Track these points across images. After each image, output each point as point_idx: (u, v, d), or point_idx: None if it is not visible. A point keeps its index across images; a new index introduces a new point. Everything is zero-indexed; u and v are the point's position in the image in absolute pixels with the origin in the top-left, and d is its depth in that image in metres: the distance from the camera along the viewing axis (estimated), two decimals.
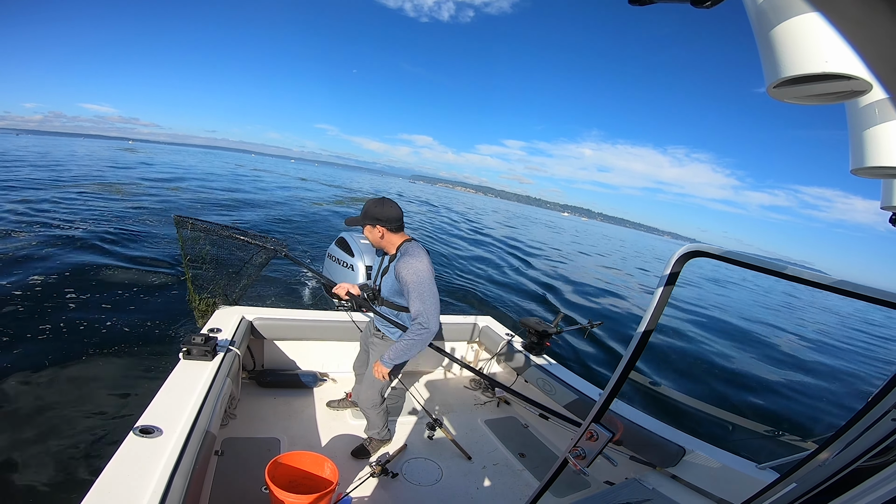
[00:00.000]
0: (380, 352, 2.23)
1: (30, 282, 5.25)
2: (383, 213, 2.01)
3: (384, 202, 2.06)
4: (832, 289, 0.88)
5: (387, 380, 2.23)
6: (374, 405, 2.33)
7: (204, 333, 2.25)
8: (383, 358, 2.09)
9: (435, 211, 30.51)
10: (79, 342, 4.01)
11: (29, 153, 26.99)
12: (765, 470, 1.99)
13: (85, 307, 4.77)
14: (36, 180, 14.27)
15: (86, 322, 4.43)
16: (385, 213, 2.01)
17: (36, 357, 3.67)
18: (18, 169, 17.44)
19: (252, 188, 23.59)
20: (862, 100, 0.60)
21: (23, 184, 13.09)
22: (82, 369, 3.59)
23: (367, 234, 2.10)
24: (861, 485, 0.72)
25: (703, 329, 9.34)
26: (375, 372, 2.14)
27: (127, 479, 1.34)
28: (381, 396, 2.34)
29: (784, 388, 6.57)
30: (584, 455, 1.26)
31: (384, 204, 2.04)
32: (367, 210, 2.03)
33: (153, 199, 13.82)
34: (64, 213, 9.65)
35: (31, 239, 7.14)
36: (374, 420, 2.41)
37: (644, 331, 1.14)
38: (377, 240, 2.08)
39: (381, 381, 2.22)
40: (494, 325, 3.70)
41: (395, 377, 2.32)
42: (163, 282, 6.02)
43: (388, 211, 2.02)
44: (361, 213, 2.07)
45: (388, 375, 2.17)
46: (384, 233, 2.04)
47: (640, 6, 0.56)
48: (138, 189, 16.00)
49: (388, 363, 2.08)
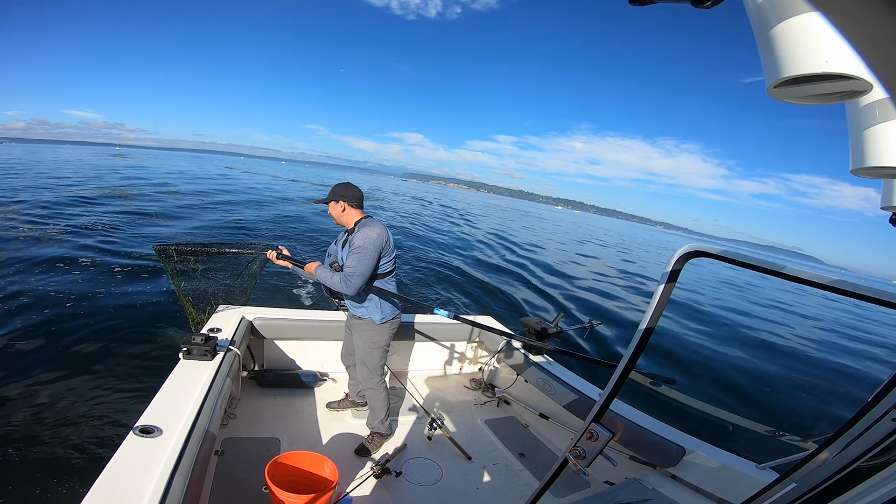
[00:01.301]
0: (361, 333, 2.40)
1: (29, 282, 5.26)
2: (346, 192, 2.30)
3: (347, 185, 2.35)
4: (832, 289, 0.88)
5: (379, 349, 2.42)
6: (374, 384, 2.45)
7: (204, 333, 2.25)
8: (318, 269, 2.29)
9: (428, 206, 30.70)
10: (78, 342, 4.02)
11: (18, 162, 26.60)
12: (765, 470, 1.99)
13: (85, 307, 4.77)
14: (29, 187, 14.23)
15: (85, 322, 4.43)
16: (347, 192, 2.30)
17: (35, 357, 3.68)
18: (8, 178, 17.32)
19: (244, 188, 23.69)
20: (862, 100, 0.60)
21: (7, 192, 13.02)
22: (82, 369, 3.58)
23: (331, 211, 2.34)
24: (861, 485, 0.72)
25: (702, 329, 9.34)
26: (308, 266, 2.34)
27: (127, 478, 1.34)
28: (380, 374, 2.47)
29: (784, 388, 6.56)
30: (584, 455, 1.26)
31: (347, 186, 2.34)
32: (333, 190, 2.33)
33: (153, 202, 13.83)
34: (59, 218, 9.66)
35: (31, 239, 7.14)
36: (376, 406, 2.49)
37: (644, 329, 1.14)
38: (339, 214, 2.32)
39: (373, 356, 2.41)
40: (494, 324, 3.70)
41: (386, 363, 2.50)
42: (163, 281, 6.02)
43: (350, 190, 2.32)
44: (329, 194, 2.34)
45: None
46: (345, 207, 2.30)
47: (640, 6, 0.56)
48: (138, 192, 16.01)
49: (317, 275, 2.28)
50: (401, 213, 23.49)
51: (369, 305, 2.37)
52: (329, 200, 2.32)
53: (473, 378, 3.60)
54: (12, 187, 13.68)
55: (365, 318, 2.39)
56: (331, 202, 2.31)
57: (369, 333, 2.38)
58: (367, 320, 2.38)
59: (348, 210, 2.30)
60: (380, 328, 2.38)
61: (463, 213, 29.94)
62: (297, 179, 46.01)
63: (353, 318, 2.48)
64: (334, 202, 2.30)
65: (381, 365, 2.46)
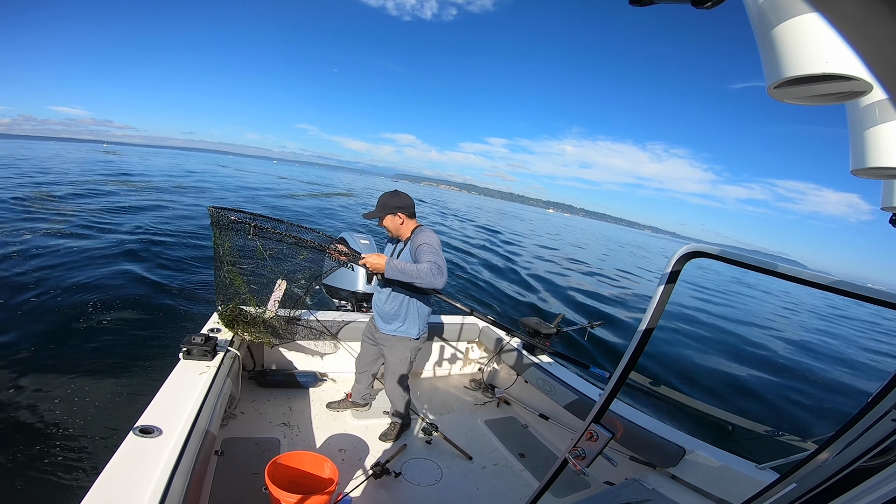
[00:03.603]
0: (394, 349, 2.38)
1: (29, 284, 5.25)
2: (401, 202, 2.25)
3: (398, 193, 2.28)
4: (831, 289, 0.88)
5: (397, 380, 2.42)
6: (402, 391, 2.50)
7: (204, 333, 2.25)
8: (390, 261, 2.02)
9: (425, 205, 30.75)
10: (78, 342, 4.01)
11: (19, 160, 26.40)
12: (765, 470, 1.99)
13: (84, 307, 4.77)
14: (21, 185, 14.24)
15: (85, 322, 4.43)
16: (403, 202, 2.25)
17: (35, 357, 3.67)
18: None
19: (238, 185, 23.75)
20: (862, 100, 0.60)
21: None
22: (81, 369, 3.58)
23: (387, 224, 2.28)
24: (861, 485, 0.72)
25: (702, 328, 9.34)
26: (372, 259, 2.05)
27: (127, 479, 1.34)
28: (407, 382, 2.53)
29: (784, 388, 6.56)
30: (584, 455, 1.26)
31: (398, 195, 2.27)
32: (386, 202, 2.25)
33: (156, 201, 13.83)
34: (55, 216, 9.65)
35: (31, 243, 7.13)
36: (401, 409, 2.58)
37: (644, 330, 1.14)
38: (397, 227, 2.28)
39: (405, 368, 2.42)
40: (494, 325, 3.70)
41: (402, 378, 2.48)
42: (163, 281, 6.02)
43: (405, 199, 2.27)
44: (379, 206, 2.27)
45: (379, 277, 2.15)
46: (404, 219, 2.27)
47: (640, 6, 0.56)
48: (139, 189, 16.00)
49: (391, 269, 2.00)
50: None
51: (407, 320, 2.33)
52: (387, 214, 2.24)
53: (473, 378, 3.60)
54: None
55: (400, 335, 2.35)
56: (388, 215, 2.24)
57: (402, 349, 2.40)
58: (400, 337, 2.36)
59: (406, 221, 2.27)
60: (415, 343, 2.40)
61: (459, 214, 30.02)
62: (312, 182, 45.92)
63: (381, 333, 2.42)
64: (391, 215, 2.24)
65: (409, 373, 2.52)
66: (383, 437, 2.60)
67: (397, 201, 2.24)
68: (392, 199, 2.25)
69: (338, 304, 4.06)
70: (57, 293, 5.04)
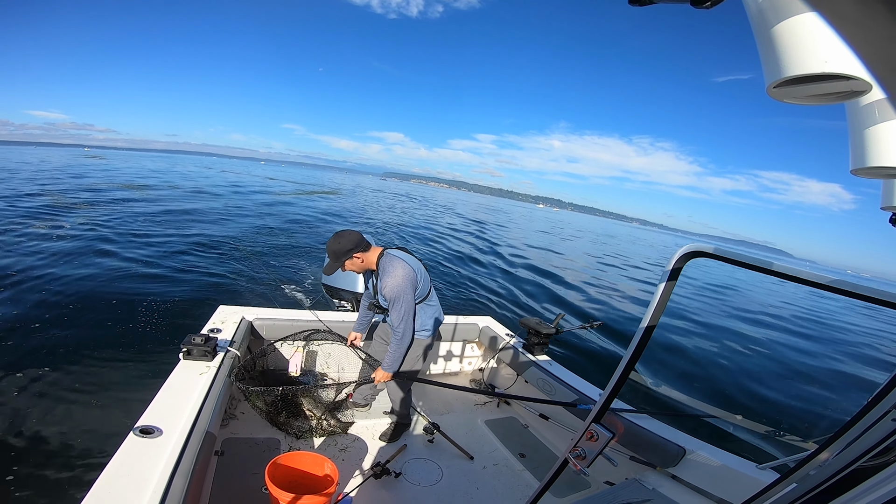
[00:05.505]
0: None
1: (28, 284, 5.26)
2: (350, 242, 2.15)
3: (341, 234, 2.19)
4: (831, 288, 0.88)
5: (397, 380, 2.46)
6: (401, 396, 2.56)
7: (204, 333, 2.25)
8: (383, 365, 2.33)
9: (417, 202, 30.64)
10: (78, 342, 4.01)
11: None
12: (765, 470, 1.99)
13: (84, 307, 4.77)
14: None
15: (85, 322, 4.43)
16: (351, 241, 2.16)
17: (35, 358, 3.67)
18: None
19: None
20: (862, 100, 0.60)
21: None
22: (81, 369, 3.58)
23: (350, 269, 2.25)
24: (861, 485, 0.72)
25: (702, 328, 9.33)
26: (379, 375, 2.36)
27: (127, 479, 1.34)
28: (406, 391, 2.58)
29: (784, 389, 6.56)
30: (585, 455, 1.26)
31: (342, 236, 2.17)
32: (337, 251, 2.16)
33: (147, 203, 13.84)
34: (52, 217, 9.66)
35: (31, 242, 7.14)
36: (402, 410, 2.61)
37: (645, 328, 1.14)
38: (360, 266, 2.24)
39: (416, 366, 2.49)
40: (494, 325, 3.70)
41: (410, 377, 2.53)
42: (162, 281, 6.03)
43: (351, 237, 2.17)
44: (332, 258, 2.19)
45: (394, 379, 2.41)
46: (363, 257, 2.21)
47: (639, 6, 0.56)
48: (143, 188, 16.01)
49: (387, 369, 2.32)
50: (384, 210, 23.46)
51: (418, 323, 2.40)
52: (344, 261, 2.19)
53: (473, 378, 3.60)
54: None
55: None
56: (346, 261, 2.19)
57: (415, 348, 2.44)
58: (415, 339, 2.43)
59: (365, 258, 2.22)
60: (427, 342, 2.47)
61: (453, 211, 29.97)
62: (303, 181, 45.86)
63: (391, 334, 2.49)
64: (348, 260, 2.19)
65: (408, 384, 2.57)
66: (383, 437, 2.61)
67: (346, 244, 2.14)
68: (339, 244, 2.15)
69: (338, 304, 4.05)
70: (57, 293, 5.04)
